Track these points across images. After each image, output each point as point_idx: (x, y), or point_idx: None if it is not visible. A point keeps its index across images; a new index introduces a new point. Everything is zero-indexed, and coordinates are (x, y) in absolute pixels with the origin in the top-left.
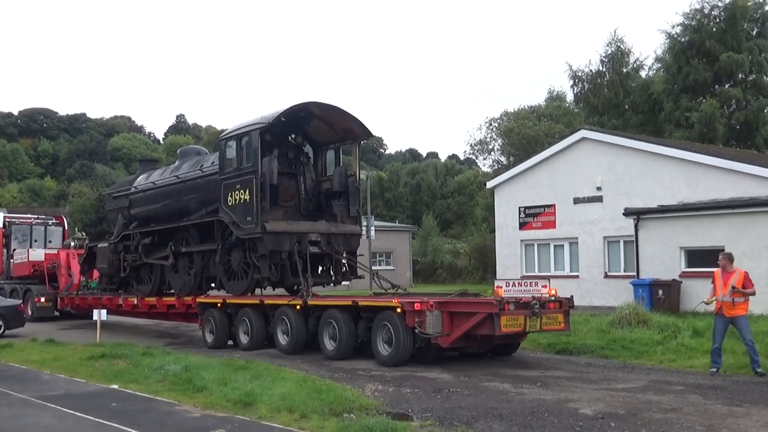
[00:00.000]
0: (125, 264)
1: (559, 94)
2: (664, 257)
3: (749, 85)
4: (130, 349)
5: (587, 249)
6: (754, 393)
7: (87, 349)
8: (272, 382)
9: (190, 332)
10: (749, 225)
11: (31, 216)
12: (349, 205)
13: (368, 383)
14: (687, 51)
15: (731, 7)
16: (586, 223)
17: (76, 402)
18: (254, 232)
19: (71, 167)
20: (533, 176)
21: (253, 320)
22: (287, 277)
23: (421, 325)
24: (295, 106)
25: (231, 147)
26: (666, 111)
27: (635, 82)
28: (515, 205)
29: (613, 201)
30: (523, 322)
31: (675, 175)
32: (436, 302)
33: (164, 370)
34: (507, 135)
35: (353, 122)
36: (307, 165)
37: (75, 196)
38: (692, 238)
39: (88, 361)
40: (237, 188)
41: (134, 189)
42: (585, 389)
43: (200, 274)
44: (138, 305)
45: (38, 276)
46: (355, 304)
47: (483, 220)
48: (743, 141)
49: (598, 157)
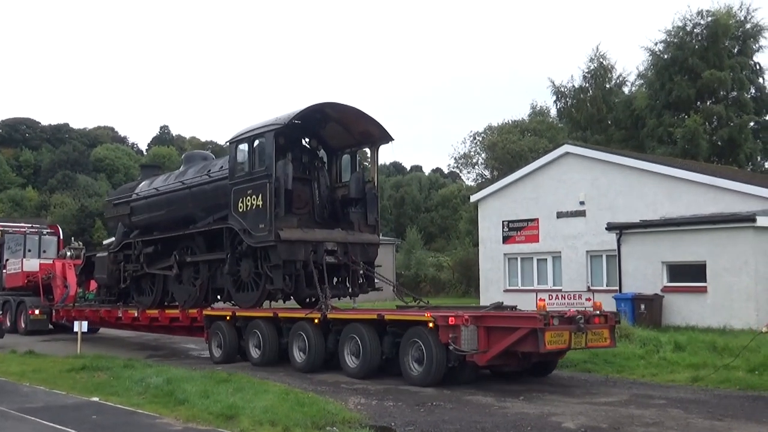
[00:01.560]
0: (125, 274)
1: (543, 108)
2: (646, 272)
3: (731, 102)
4: (111, 361)
5: (570, 263)
6: (736, 407)
7: (67, 361)
8: (255, 395)
9: (171, 344)
10: (730, 240)
11: (24, 225)
12: (367, 213)
13: (351, 396)
14: (670, 68)
15: (713, 25)
16: (570, 237)
17: (56, 414)
18: (267, 240)
19: (53, 177)
20: (517, 190)
21: (265, 334)
22: (302, 288)
23: (456, 342)
24: (311, 107)
25: (242, 150)
26: (649, 127)
27: (618, 98)
28: (499, 219)
29: (596, 215)
30: (567, 338)
31: (657, 191)
32: (472, 316)
33: (145, 382)
34: (491, 149)
35: (372, 125)
36: (322, 170)
37: (57, 206)
38: (674, 252)
39: (69, 373)
40: (249, 194)
41: (136, 196)
42: (567, 403)
43: (206, 285)
44: (138, 318)
45: (32, 287)
46: (381, 319)
47: (467, 233)
48: (726, 157)
49: (581, 172)
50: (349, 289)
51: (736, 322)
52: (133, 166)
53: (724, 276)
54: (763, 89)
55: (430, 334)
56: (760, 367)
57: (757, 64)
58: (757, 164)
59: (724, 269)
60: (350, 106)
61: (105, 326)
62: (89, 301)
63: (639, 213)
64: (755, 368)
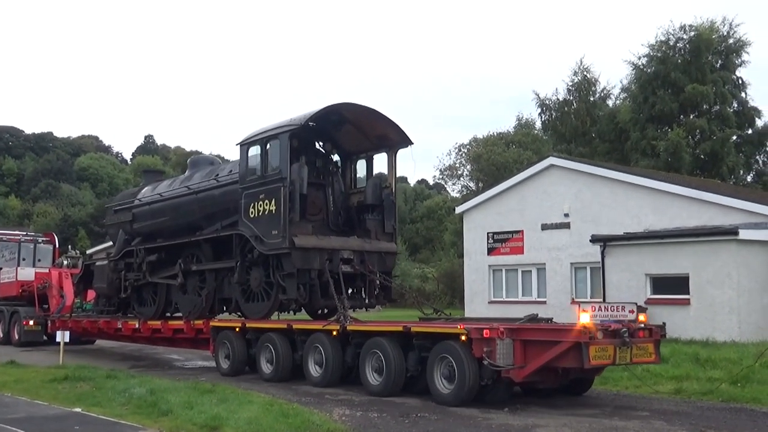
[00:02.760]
0: (126, 283)
1: (528, 121)
2: (630, 284)
3: (713, 116)
4: (93, 371)
5: (554, 275)
6: (718, 419)
7: (50, 372)
8: (239, 406)
9: (155, 355)
10: (713, 253)
11: (19, 233)
12: (385, 221)
13: (336, 407)
14: (653, 81)
15: (696, 40)
16: (554, 249)
17: (38, 425)
18: (280, 247)
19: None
20: (502, 202)
21: (278, 347)
22: (317, 299)
23: (490, 356)
24: (327, 108)
25: (254, 153)
26: (632, 140)
27: (602, 111)
28: (484, 231)
29: (580, 228)
30: (612, 353)
31: (641, 203)
32: (507, 329)
33: (129, 393)
34: (476, 161)
35: (391, 128)
36: (336, 175)
37: (40, 215)
38: (658, 265)
39: (51, 384)
40: (261, 198)
41: (138, 202)
42: (552, 415)
43: (212, 295)
44: (139, 329)
45: (27, 297)
46: (407, 331)
47: (451, 245)
48: (708, 171)
49: (566, 184)
50: (365, 299)
51: (719, 335)
52: (117, 175)
53: (707, 288)
54: (746, 103)
55: (463, 348)
56: (742, 380)
57: (740, 78)
58: (740, 178)
59: (707, 282)
60: (369, 107)
61: (103, 338)
62: (87, 312)
63: (623, 225)
64: (738, 380)
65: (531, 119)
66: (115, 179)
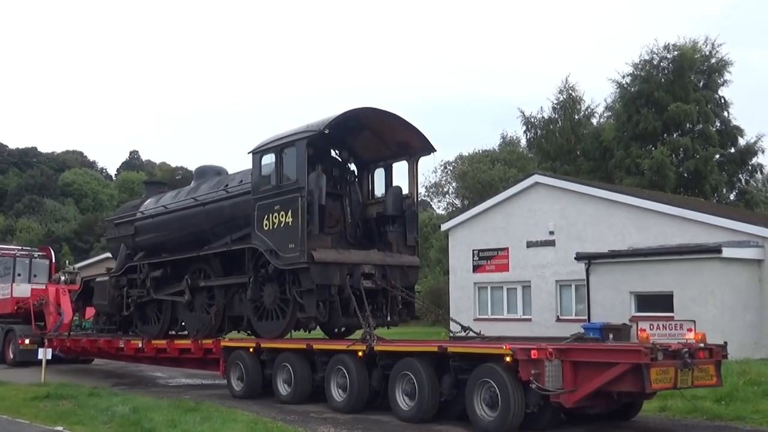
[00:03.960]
0: (129, 300)
1: (513, 139)
2: (614, 301)
3: (696, 134)
4: (76, 389)
5: (540, 292)
6: None
7: (31, 389)
8: (223, 424)
9: (138, 372)
10: (696, 271)
11: (14, 247)
12: (406, 233)
13: (320, 426)
14: (637, 100)
15: (679, 59)
16: (539, 266)
17: None
18: (298, 261)
19: (20, 202)
20: (487, 219)
21: (297, 368)
22: (337, 316)
23: (539, 379)
24: (347, 113)
25: (268, 161)
26: (617, 158)
27: (586, 129)
28: (469, 248)
29: (565, 245)
30: (673, 375)
31: (626, 221)
32: (556, 349)
33: (111, 411)
34: (462, 178)
35: (412, 134)
36: (353, 185)
37: (23, 231)
38: (642, 282)
39: (32, 402)
40: (276, 210)
41: (141, 214)
42: None
43: (222, 312)
44: (143, 349)
45: (23, 314)
46: (443, 352)
47: (437, 262)
48: (692, 189)
49: (550, 201)
50: (387, 317)
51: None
52: (101, 191)
53: (690, 306)
54: (728, 122)
55: (507, 370)
56: (726, 397)
57: (722, 98)
58: (723, 196)
59: (690, 299)
60: (391, 112)
61: (103, 357)
62: (86, 330)
63: (607, 243)
64: (722, 398)
65: (516, 137)
66: (100, 195)
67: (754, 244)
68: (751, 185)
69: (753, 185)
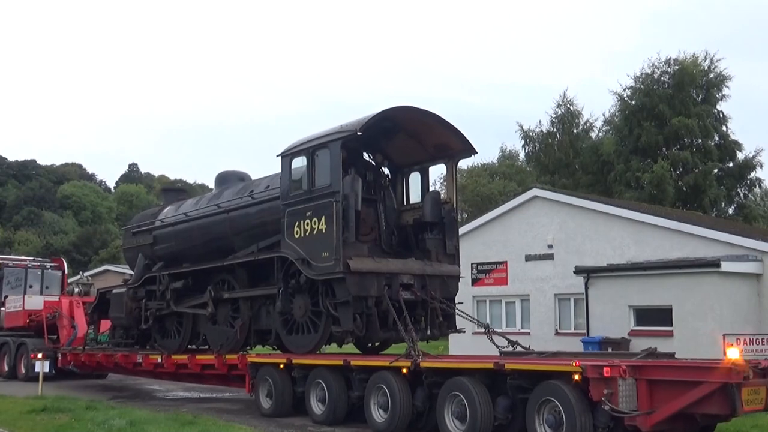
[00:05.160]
0: (147, 313)
1: (512, 152)
2: (613, 315)
3: (696, 148)
4: (73, 402)
5: (538, 306)
6: None
7: (28, 402)
8: None
9: (135, 386)
10: (695, 285)
11: (26, 258)
12: (446, 240)
13: None
14: (638, 113)
15: (679, 74)
16: (538, 280)
17: None
18: (333, 271)
19: (18, 214)
20: (486, 233)
21: (332, 386)
22: (374, 330)
23: (612, 400)
24: (383, 112)
25: (299, 165)
26: (616, 172)
27: (585, 143)
28: (468, 261)
29: (564, 259)
30: (764, 396)
31: (624, 235)
32: (630, 366)
33: (108, 424)
34: (461, 191)
35: (452, 135)
36: (387, 190)
37: (21, 243)
38: (641, 297)
39: (29, 415)
40: (308, 216)
41: (160, 222)
42: None
43: (247, 326)
44: (162, 364)
45: (35, 327)
46: (500, 369)
47: None
48: (691, 203)
49: (549, 215)
50: (426, 330)
51: None
52: (100, 203)
53: (689, 320)
54: (727, 137)
55: (575, 390)
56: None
57: (721, 112)
58: (721, 210)
59: (689, 314)
60: (430, 111)
61: (120, 373)
62: (102, 344)
63: (606, 257)
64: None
65: (515, 151)
66: (98, 207)
67: (752, 258)
68: (749, 199)
69: (752, 199)
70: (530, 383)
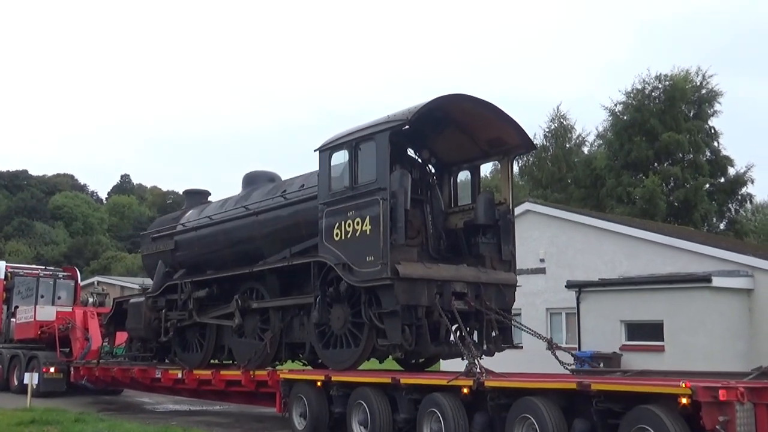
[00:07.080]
0: (167, 324)
1: None
2: (605, 330)
3: (687, 164)
4: (61, 414)
5: (530, 320)
6: None
7: (16, 415)
8: None
9: (125, 398)
10: (686, 300)
11: (37, 267)
12: (501, 245)
13: None
14: (629, 129)
15: (670, 89)
16: (530, 294)
17: None
18: (380, 277)
19: (9, 225)
20: None
21: (374, 408)
22: (424, 343)
23: (727, 428)
24: (436, 100)
25: (340, 160)
26: (608, 186)
27: (578, 158)
28: None
29: (555, 273)
30: None
31: (616, 249)
32: (748, 389)
33: None
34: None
35: (509, 128)
36: (434, 190)
37: (12, 254)
38: (632, 311)
39: (17, 427)
40: (350, 216)
41: (182, 227)
42: None
43: (278, 338)
44: (183, 380)
45: (47, 339)
46: (584, 389)
47: None
48: (682, 218)
49: (541, 229)
50: (483, 345)
51: None
52: (92, 214)
53: (681, 335)
54: (718, 152)
55: (678, 416)
56: None
57: (712, 128)
58: (713, 225)
59: (680, 329)
60: (488, 101)
61: (137, 388)
62: (118, 358)
63: (598, 271)
64: None
65: None
66: (90, 218)
67: (743, 274)
68: (740, 215)
69: (743, 215)
70: (621, 407)
